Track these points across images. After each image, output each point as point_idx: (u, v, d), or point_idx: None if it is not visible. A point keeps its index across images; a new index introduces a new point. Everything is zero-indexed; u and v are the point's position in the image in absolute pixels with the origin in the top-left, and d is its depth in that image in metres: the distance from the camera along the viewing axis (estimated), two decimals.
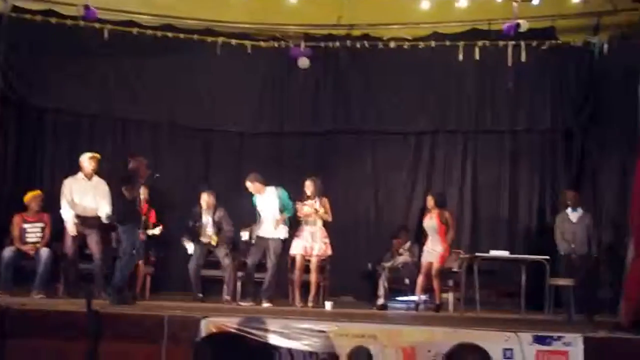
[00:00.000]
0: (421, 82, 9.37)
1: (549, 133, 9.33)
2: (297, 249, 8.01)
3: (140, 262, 7.76)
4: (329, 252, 8.00)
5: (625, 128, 7.69)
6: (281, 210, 8.07)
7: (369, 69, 9.40)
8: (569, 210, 8.25)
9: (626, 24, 8.42)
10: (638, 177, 6.19)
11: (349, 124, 9.52)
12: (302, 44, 9.38)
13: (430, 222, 8.13)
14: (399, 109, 9.43)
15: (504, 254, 8.19)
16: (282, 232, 8.13)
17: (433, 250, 8.00)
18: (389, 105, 9.40)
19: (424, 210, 8.70)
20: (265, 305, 7.87)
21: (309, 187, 8.07)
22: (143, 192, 7.60)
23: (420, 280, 8.00)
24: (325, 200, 8.06)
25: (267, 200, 8.18)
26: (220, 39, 9.34)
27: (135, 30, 9.08)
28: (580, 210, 8.26)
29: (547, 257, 7.98)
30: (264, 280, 7.98)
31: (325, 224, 8.08)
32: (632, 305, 5.93)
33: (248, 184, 8.15)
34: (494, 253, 8.11)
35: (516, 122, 9.28)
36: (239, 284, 8.41)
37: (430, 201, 8.29)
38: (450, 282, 8.29)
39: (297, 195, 8.23)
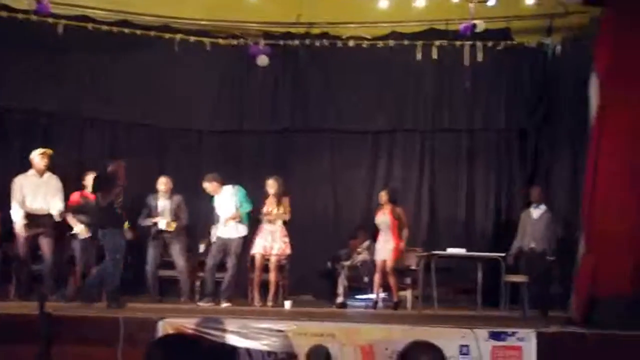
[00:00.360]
0: (379, 81, 9.37)
1: (504, 132, 9.45)
2: (256, 248, 8.00)
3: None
4: (288, 251, 8.02)
5: (577, 127, 7.78)
6: (237, 208, 8.01)
7: (328, 67, 9.39)
8: (532, 207, 8.27)
9: (577, 26, 8.54)
10: (588, 176, 6.31)
11: (308, 122, 9.49)
12: (261, 42, 9.35)
13: (383, 217, 8.09)
14: (357, 108, 9.44)
15: (461, 251, 8.24)
16: (242, 231, 8.08)
17: (385, 247, 7.97)
18: (348, 104, 9.40)
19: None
20: (224, 305, 7.82)
21: (272, 185, 8.05)
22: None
23: (376, 278, 7.99)
24: (286, 199, 8.05)
25: (225, 200, 8.14)
26: (179, 36, 9.26)
27: (90, 25, 8.90)
28: (543, 207, 8.25)
29: (502, 254, 8.05)
30: (223, 280, 7.94)
31: (285, 222, 8.09)
32: (583, 300, 6.04)
33: (205, 184, 8.11)
34: (450, 251, 8.18)
35: (473, 121, 9.36)
36: (197, 283, 8.36)
37: (383, 196, 8.25)
38: (408, 280, 8.34)
39: (256, 194, 8.21)
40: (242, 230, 8.04)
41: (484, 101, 9.32)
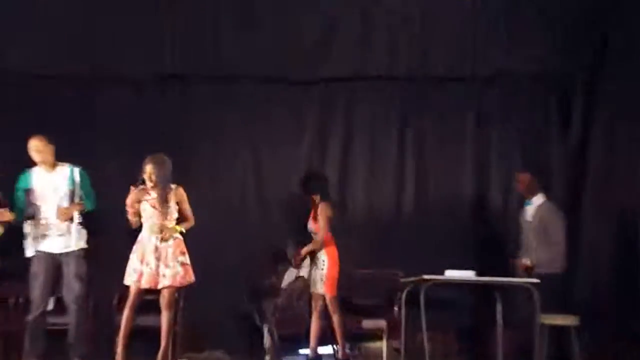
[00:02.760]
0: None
1: (533, 83, 7.18)
2: (130, 275, 5.81)
3: None
4: (191, 278, 5.89)
5: None
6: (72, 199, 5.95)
7: None
8: (525, 202, 6.53)
9: None
10: None
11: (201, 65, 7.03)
12: None
13: (309, 224, 6.52)
14: (295, 46, 7.06)
15: (468, 275, 6.13)
16: (81, 238, 5.91)
17: (316, 271, 6.35)
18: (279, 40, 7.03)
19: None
20: None
21: (151, 170, 5.80)
22: None
23: (313, 324, 6.33)
24: (180, 190, 5.88)
25: (52, 185, 5.91)
26: None
27: None
28: (539, 199, 6.40)
29: (537, 280, 5.99)
30: (68, 329, 5.89)
31: (181, 233, 5.88)
32: None
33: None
34: (451, 274, 6.13)
35: (482, 64, 7.08)
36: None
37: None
38: (383, 323, 6.49)
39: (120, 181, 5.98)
40: (81, 236, 5.92)
41: (500, 31, 7.12)
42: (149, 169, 5.63)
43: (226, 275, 6.72)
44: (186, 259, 5.75)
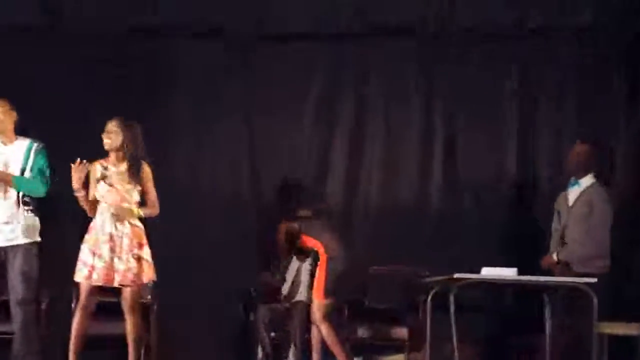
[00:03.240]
0: None
1: (588, 38, 6.19)
2: (81, 270, 4.92)
3: None
4: (149, 277, 4.96)
5: None
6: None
7: None
8: (570, 183, 5.60)
9: None
10: None
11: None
12: None
13: None
14: None
15: (509, 273, 5.21)
16: (31, 229, 5.02)
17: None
18: None
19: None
20: None
21: (122, 136, 4.91)
22: None
23: (313, 332, 5.52)
24: (147, 168, 4.94)
25: (3, 160, 5.09)
26: None
27: None
28: (588, 180, 5.47)
29: (592, 278, 5.14)
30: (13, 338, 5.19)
31: (141, 219, 4.97)
32: None
33: None
34: (488, 272, 5.22)
35: (524, 17, 6.12)
36: None
37: None
38: (403, 332, 5.68)
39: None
40: (26, 227, 5.06)
41: None
42: (118, 135, 4.68)
43: (211, 274, 5.83)
44: (144, 253, 4.86)
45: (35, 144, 4.99)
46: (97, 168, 4.72)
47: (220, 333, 6.01)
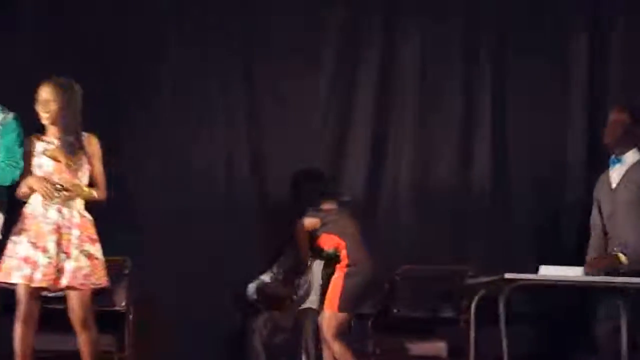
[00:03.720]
0: None
1: None
2: (18, 268, 4.04)
3: None
4: (101, 280, 4.13)
5: None
6: None
7: None
8: (611, 161, 4.76)
9: None
10: None
11: None
12: None
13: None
14: None
15: (574, 272, 4.42)
16: None
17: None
18: None
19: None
20: None
21: (55, 98, 4.05)
22: None
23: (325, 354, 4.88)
24: (94, 140, 4.15)
25: None
26: None
27: None
28: (633, 156, 4.60)
29: None
30: None
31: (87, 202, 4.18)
32: None
33: None
34: (547, 271, 4.41)
35: None
36: None
37: None
38: (440, 347, 5.09)
39: None
40: None
41: None
42: (50, 96, 3.83)
43: (203, 278, 5.01)
44: (96, 250, 4.03)
45: (10, 114, 3.96)
46: (35, 143, 3.87)
47: (217, 343, 5.14)
